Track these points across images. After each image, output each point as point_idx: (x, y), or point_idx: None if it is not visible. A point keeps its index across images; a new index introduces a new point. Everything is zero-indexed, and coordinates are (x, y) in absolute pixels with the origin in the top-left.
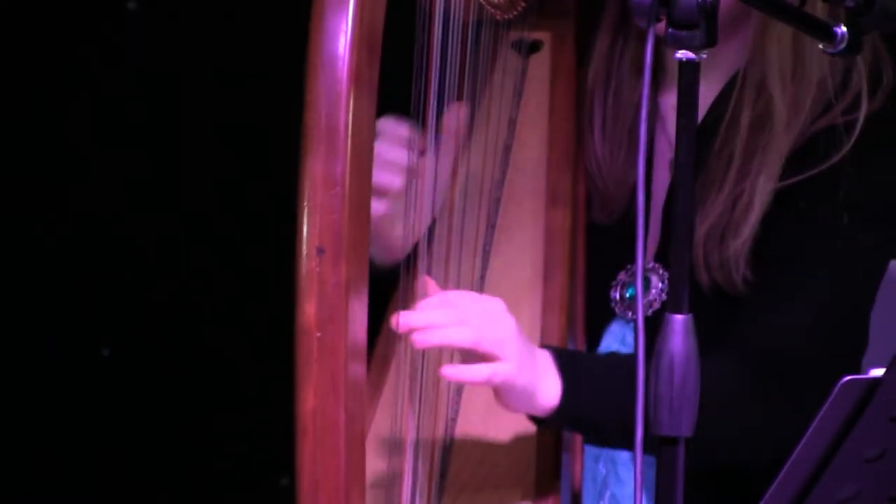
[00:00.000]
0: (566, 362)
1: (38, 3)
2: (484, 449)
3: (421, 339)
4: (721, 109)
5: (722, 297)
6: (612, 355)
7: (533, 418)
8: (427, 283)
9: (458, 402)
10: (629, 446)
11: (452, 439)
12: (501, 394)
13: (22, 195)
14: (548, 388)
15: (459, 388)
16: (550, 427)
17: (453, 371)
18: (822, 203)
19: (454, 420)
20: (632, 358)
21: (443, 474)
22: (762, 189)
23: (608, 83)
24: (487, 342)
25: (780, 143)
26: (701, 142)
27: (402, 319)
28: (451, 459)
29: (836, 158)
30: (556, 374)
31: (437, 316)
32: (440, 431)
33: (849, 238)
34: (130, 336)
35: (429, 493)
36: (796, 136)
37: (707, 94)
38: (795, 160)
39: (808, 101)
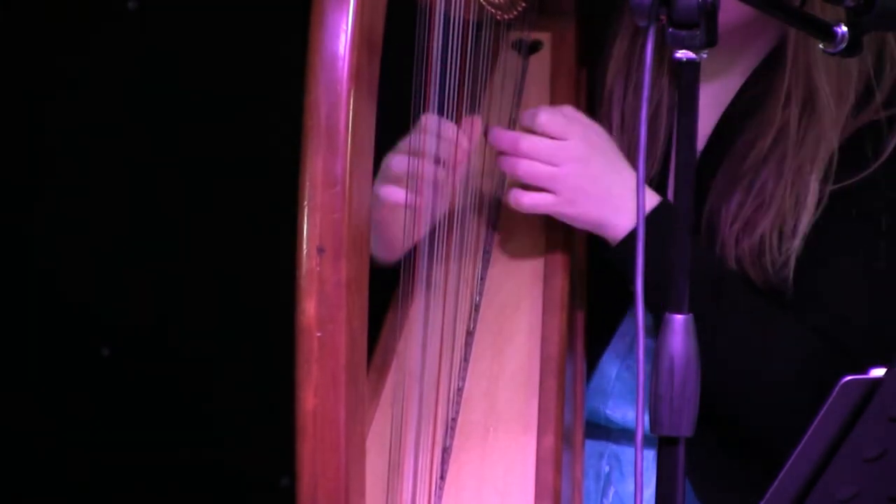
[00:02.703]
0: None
1: (38, 3)
2: (484, 448)
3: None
4: (748, 102)
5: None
6: None
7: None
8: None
9: (458, 402)
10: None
11: (453, 439)
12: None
13: (21, 195)
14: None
15: (460, 387)
16: (615, 256)
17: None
18: (867, 204)
19: (454, 420)
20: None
21: (443, 474)
22: (805, 185)
23: (627, 83)
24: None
25: (827, 136)
26: (726, 136)
27: (499, 133)
28: (452, 458)
29: (884, 156)
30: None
31: (537, 143)
32: (440, 431)
33: (892, 239)
34: (130, 336)
35: (429, 493)
36: (841, 130)
37: (730, 88)
38: (842, 158)
39: (851, 94)
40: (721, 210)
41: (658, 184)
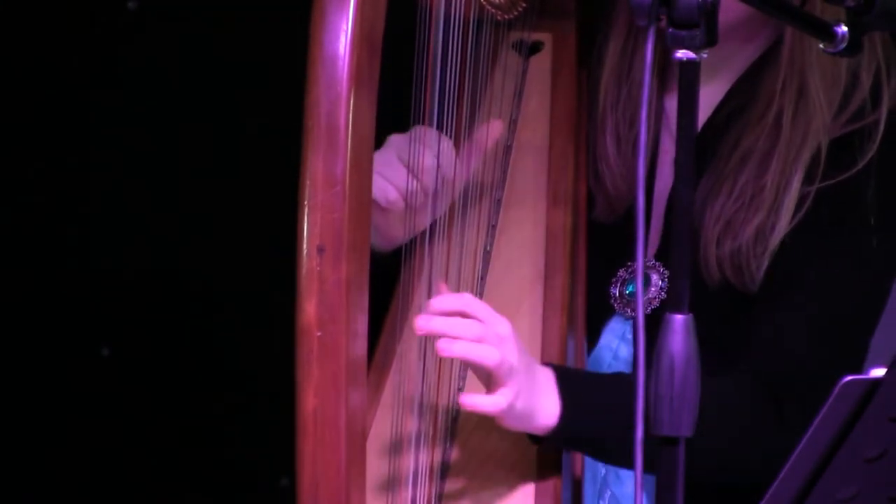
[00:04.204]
0: (566, 382)
1: (38, 3)
2: (485, 449)
3: (446, 349)
4: (735, 105)
5: (729, 295)
6: (616, 375)
7: (531, 437)
8: (440, 287)
9: (458, 402)
10: (629, 464)
11: (453, 439)
12: (500, 416)
13: (22, 195)
14: (547, 408)
15: (460, 387)
16: (549, 446)
17: (471, 401)
18: (846, 209)
19: (455, 420)
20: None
21: (443, 474)
22: (787, 187)
23: (620, 86)
24: (505, 367)
25: (814, 138)
26: (712, 137)
27: (423, 323)
28: (452, 459)
29: (862, 162)
30: (556, 394)
31: (461, 328)
32: (441, 431)
33: (868, 247)
34: (130, 336)
35: (429, 492)
36: (824, 135)
37: (717, 90)
38: (826, 161)
39: (839, 96)
40: (705, 212)
41: (646, 187)
